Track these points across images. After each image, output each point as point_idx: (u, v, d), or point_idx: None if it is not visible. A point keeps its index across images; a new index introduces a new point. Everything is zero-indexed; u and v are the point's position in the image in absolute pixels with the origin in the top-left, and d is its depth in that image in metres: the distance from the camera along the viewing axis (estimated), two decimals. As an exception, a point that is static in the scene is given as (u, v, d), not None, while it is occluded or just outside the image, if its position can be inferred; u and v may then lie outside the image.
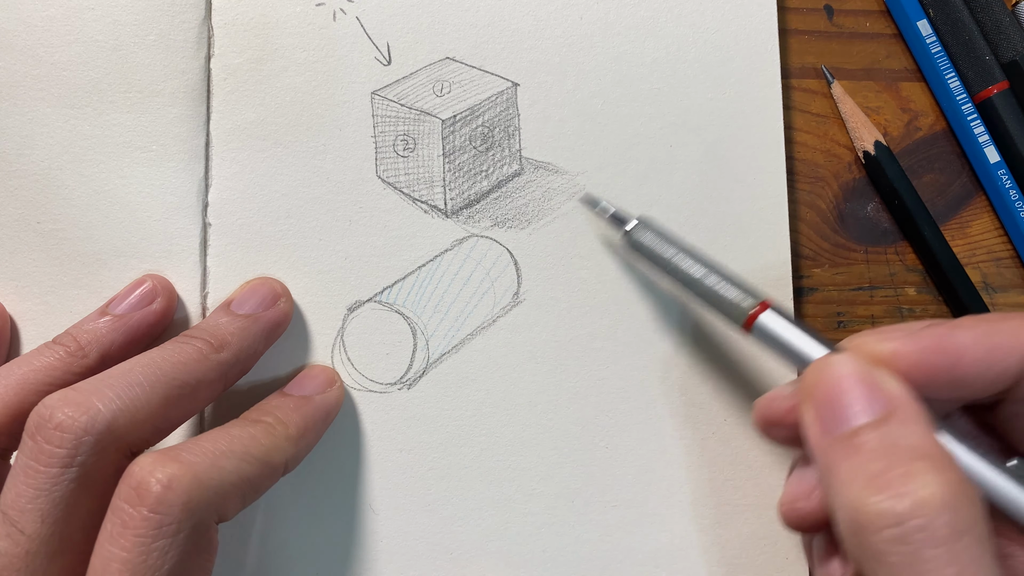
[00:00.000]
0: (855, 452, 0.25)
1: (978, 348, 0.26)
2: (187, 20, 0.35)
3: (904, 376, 0.26)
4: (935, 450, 0.24)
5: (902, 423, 0.25)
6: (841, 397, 0.26)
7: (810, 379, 0.27)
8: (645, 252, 0.33)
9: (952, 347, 0.26)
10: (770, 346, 0.30)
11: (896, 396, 0.26)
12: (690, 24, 0.38)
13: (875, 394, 0.26)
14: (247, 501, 0.29)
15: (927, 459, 0.24)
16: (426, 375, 0.36)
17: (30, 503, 0.27)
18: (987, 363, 0.26)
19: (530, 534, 0.36)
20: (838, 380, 0.26)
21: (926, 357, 0.26)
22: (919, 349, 0.26)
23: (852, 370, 0.26)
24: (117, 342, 0.32)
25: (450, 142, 0.37)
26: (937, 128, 0.40)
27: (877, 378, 0.26)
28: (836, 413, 0.26)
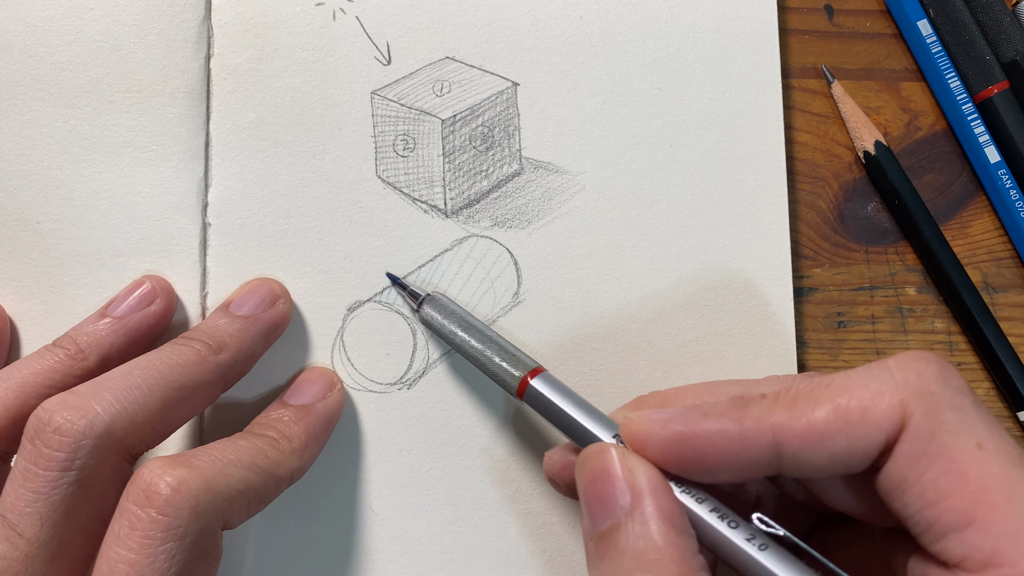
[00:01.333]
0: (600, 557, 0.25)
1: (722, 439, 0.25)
2: (187, 20, 0.35)
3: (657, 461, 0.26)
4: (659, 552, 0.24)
5: (638, 523, 0.25)
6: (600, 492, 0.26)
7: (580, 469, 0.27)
8: (433, 328, 0.34)
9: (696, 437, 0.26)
10: (542, 414, 0.30)
11: (638, 489, 0.26)
12: (690, 24, 0.38)
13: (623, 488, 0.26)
14: (252, 511, 0.29)
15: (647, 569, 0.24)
16: (426, 375, 0.36)
17: (29, 506, 0.27)
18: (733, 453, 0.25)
19: (530, 534, 0.36)
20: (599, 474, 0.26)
21: (672, 447, 0.26)
22: (666, 435, 0.26)
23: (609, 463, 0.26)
24: (117, 344, 0.32)
25: (450, 142, 0.37)
26: (937, 128, 0.40)
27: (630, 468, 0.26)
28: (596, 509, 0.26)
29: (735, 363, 0.37)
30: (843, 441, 0.24)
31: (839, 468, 0.25)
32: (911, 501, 0.24)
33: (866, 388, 0.25)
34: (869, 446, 0.24)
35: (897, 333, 0.39)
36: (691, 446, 0.26)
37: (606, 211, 0.37)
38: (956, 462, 0.24)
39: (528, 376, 0.31)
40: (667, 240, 0.37)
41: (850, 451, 0.24)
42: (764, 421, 0.25)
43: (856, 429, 0.24)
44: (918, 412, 0.24)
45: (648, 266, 0.37)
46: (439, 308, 0.34)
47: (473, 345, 0.32)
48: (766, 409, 0.25)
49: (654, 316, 0.37)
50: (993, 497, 0.23)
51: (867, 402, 0.24)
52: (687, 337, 0.37)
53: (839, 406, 0.25)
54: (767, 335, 0.37)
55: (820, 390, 0.25)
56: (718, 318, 0.37)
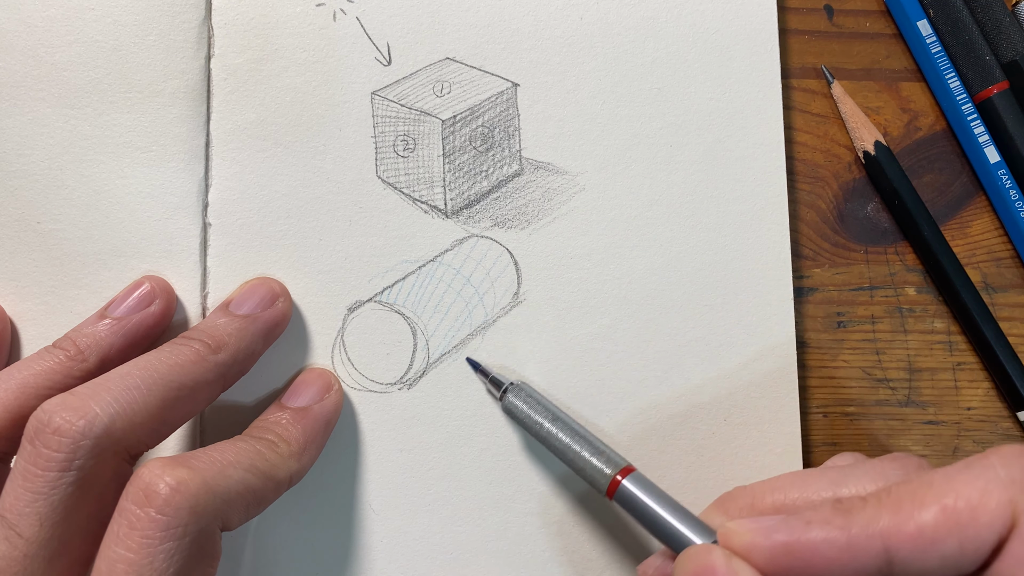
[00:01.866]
0: None
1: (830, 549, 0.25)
2: (187, 20, 0.35)
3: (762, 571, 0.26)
4: None
5: None
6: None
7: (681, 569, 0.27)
8: (516, 417, 0.34)
9: (801, 548, 0.25)
10: (633, 515, 0.30)
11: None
12: (690, 24, 0.38)
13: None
14: (251, 513, 0.29)
15: None
16: (426, 375, 0.36)
17: (28, 507, 0.27)
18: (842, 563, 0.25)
19: (530, 534, 0.36)
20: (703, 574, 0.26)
21: (778, 557, 0.25)
22: (771, 546, 0.25)
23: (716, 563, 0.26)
24: (116, 345, 0.32)
25: (450, 142, 0.37)
26: (937, 128, 0.40)
27: (734, 569, 0.26)
28: None
29: (735, 363, 0.37)
30: (955, 543, 0.24)
31: (950, 571, 0.24)
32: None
33: (972, 487, 0.24)
34: (981, 546, 0.24)
35: (897, 333, 0.39)
36: (798, 557, 0.25)
37: (606, 211, 0.37)
38: None
39: (619, 475, 0.30)
40: (667, 240, 0.37)
41: (963, 553, 0.24)
42: (872, 528, 0.24)
43: (967, 530, 0.24)
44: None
45: (648, 266, 0.37)
46: (524, 398, 0.34)
47: (560, 439, 0.32)
48: (871, 515, 0.25)
49: (654, 316, 0.37)
50: None
51: (975, 501, 0.24)
52: (687, 337, 0.37)
53: (947, 507, 0.24)
54: (767, 335, 0.37)
55: (924, 490, 0.25)
56: (718, 318, 0.37)
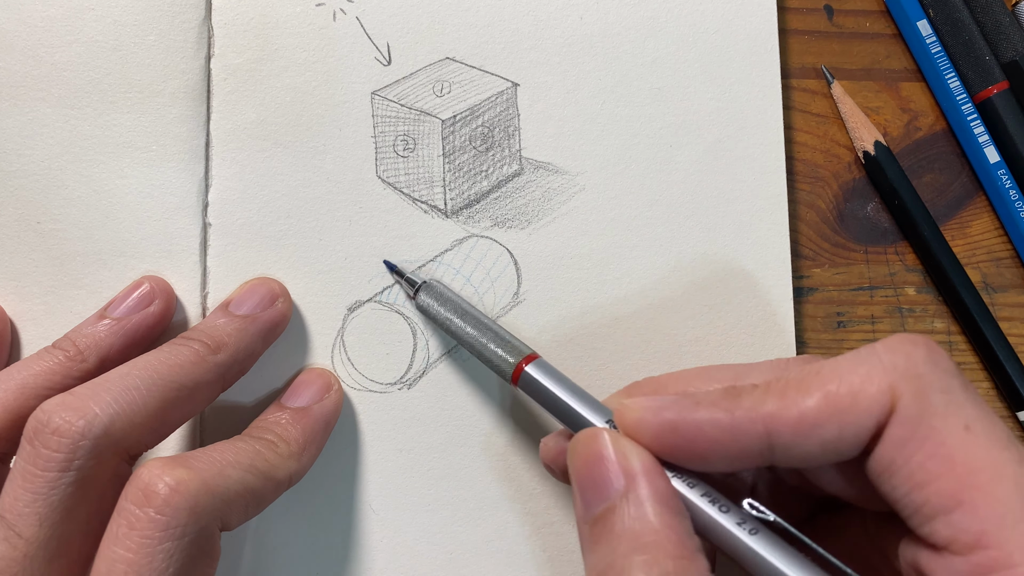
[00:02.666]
0: (595, 541, 0.25)
1: (713, 429, 0.25)
2: (187, 20, 0.35)
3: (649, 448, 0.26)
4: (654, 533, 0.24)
5: (633, 505, 0.25)
6: (594, 476, 0.26)
7: (572, 453, 0.27)
8: (429, 314, 0.34)
9: (687, 426, 0.26)
10: (537, 400, 0.30)
11: (632, 472, 0.25)
12: (690, 24, 0.38)
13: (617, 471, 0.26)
14: (250, 513, 0.29)
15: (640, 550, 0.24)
16: (426, 375, 0.36)
17: (28, 507, 0.27)
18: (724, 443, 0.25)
19: (530, 534, 0.36)
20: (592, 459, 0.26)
21: (664, 434, 0.26)
22: (659, 423, 0.26)
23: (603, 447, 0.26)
24: (116, 346, 0.32)
25: (450, 142, 0.37)
26: (937, 128, 0.40)
27: (623, 452, 0.26)
28: (589, 493, 0.26)
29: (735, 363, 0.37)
30: (834, 429, 0.24)
31: (831, 456, 0.25)
32: (899, 484, 0.24)
33: (855, 373, 0.25)
34: (860, 432, 0.24)
35: (897, 333, 0.39)
36: (682, 435, 0.26)
37: (606, 211, 0.37)
38: (944, 445, 0.24)
39: (523, 363, 0.31)
40: (667, 240, 0.37)
41: (841, 438, 0.24)
42: (755, 411, 0.25)
43: (846, 416, 0.24)
44: (907, 395, 0.24)
45: (648, 266, 0.37)
46: (436, 295, 0.34)
47: (468, 332, 0.33)
48: (757, 399, 0.25)
49: (654, 316, 0.37)
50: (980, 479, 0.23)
51: (856, 387, 0.24)
52: (687, 337, 0.37)
53: (829, 393, 0.24)
54: (767, 335, 0.37)
55: (810, 378, 0.25)
56: (718, 318, 0.37)
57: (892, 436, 0.24)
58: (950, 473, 0.23)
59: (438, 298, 0.34)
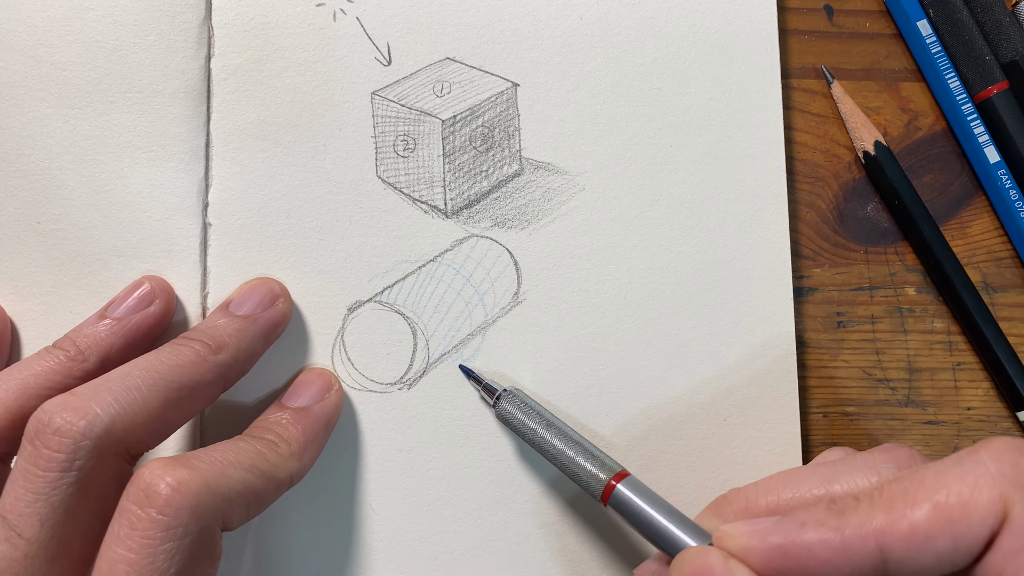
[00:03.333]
0: None
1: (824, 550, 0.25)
2: (187, 20, 0.35)
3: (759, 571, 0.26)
4: None
5: None
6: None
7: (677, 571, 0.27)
8: (511, 424, 0.34)
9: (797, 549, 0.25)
10: (628, 520, 0.30)
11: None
12: (690, 24, 0.38)
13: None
14: (251, 513, 0.29)
15: None
16: (426, 375, 0.36)
17: (29, 507, 0.27)
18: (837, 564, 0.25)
19: (530, 534, 0.36)
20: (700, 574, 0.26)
21: (773, 560, 0.25)
22: (766, 548, 0.25)
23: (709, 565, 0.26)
24: (116, 346, 0.32)
25: (450, 142, 0.37)
26: (937, 128, 0.40)
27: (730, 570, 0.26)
28: None
29: (735, 363, 0.37)
30: (948, 540, 0.24)
31: (945, 567, 0.25)
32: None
33: (962, 482, 0.24)
34: (974, 542, 0.24)
35: (897, 333, 0.39)
36: (793, 558, 0.25)
37: (606, 211, 0.37)
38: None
39: (614, 479, 0.30)
40: (667, 240, 0.37)
41: (956, 549, 0.24)
42: (865, 528, 0.25)
43: (959, 527, 0.24)
44: (1019, 504, 0.24)
45: (648, 266, 0.37)
46: (517, 404, 0.34)
47: (554, 445, 0.32)
48: (864, 515, 0.25)
49: (654, 316, 0.37)
50: None
51: (967, 497, 0.24)
52: (687, 337, 0.37)
53: (939, 504, 0.24)
54: (767, 335, 0.37)
55: (915, 488, 0.25)
56: (718, 318, 0.37)
57: (1004, 546, 0.24)
58: None
59: (520, 407, 0.33)
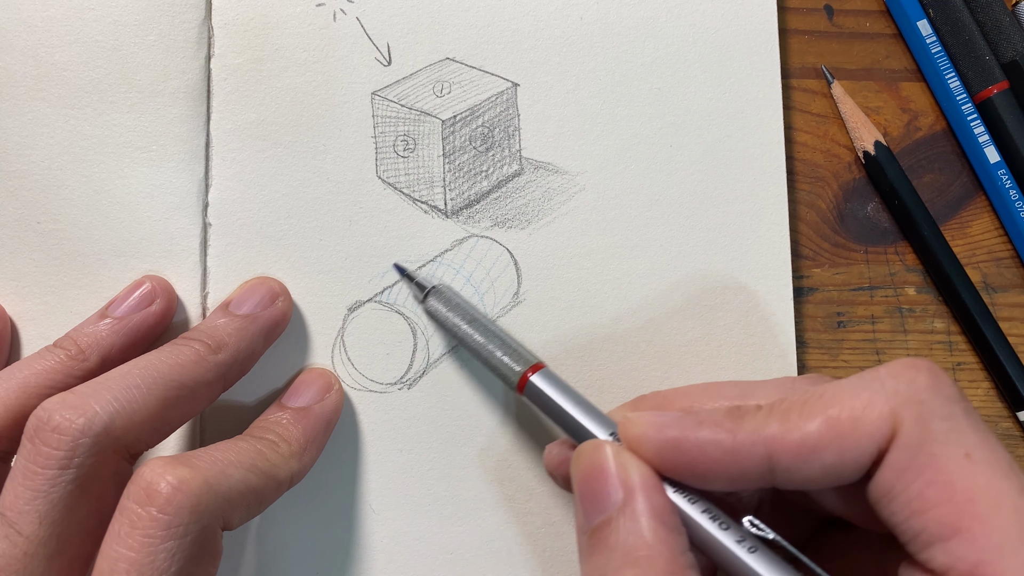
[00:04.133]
0: (591, 552, 0.26)
1: (715, 450, 0.25)
2: (187, 20, 0.35)
3: (651, 464, 0.26)
4: (648, 548, 0.24)
5: (629, 520, 0.25)
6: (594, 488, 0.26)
7: (575, 464, 0.28)
8: (437, 319, 0.34)
9: (689, 445, 0.26)
10: (541, 410, 0.31)
11: (631, 486, 0.26)
12: (690, 24, 0.38)
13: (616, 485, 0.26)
14: (252, 512, 0.29)
15: (635, 564, 0.24)
16: (426, 375, 0.36)
17: (28, 504, 0.27)
18: (725, 464, 0.25)
19: (530, 534, 0.36)
20: (594, 471, 0.27)
21: (666, 452, 0.26)
22: (661, 440, 0.26)
23: (604, 460, 0.27)
24: (117, 345, 0.32)
25: (450, 142, 0.37)
26: (937, 128, 0.40)
27: (624, 465, 0.26)
28: (589, 504, 0.26)
29: (735, 363, 0.37)
30: (835, 454, 0.24)
31: (832, 480, 0.25)
32: (898, 510, 0.24)
33: (857, 398, 0.25)
34: (861, 457, 0.24)
35: (897, 333, 0.39)
36: (684, 453, 0.26)
37: (606, 211, 0.37)
38: (943, 472, 0.23)
39: (528, 372, 0.31)
40: (667, 240, 0.37)
41: (842, 463, 0.24)
42: (757, 434, 0.25)
43: (847, 441, 0.24)
44: (908, 421, 0.24)
45: (648, 266, 0.37)
46: (444, 301, 0.34)
47: (476, 339, 0.33)
48: (760, 421, 0.25)
49: (654, 316, 0.37)
50: (979, 508, 0.23)
51: (858, 413, 0.24)
52: (687, 337, 0.37)
53: (830, 417, 0.24)
54: (767, 335, 0.37)
55: (813, 401, 0.25)
56: (718, 318, 0.37)
57: (892, 462, 0.24)
58: (949, 501, 0.23)
59: (447, 303, 0.34)
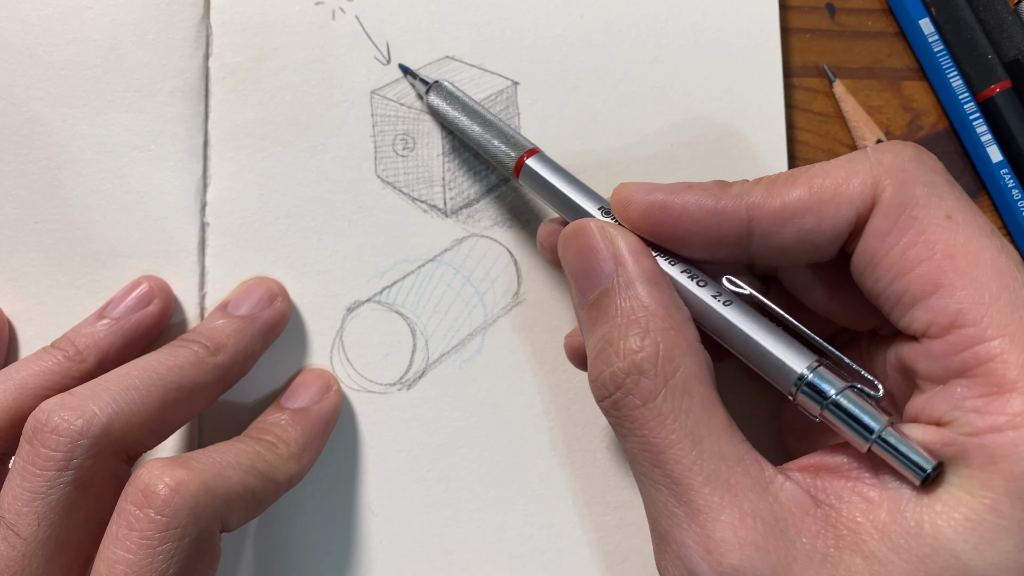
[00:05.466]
0: (593, 323, 0.27)
1: (698, 211, 0.26)
2: (185, 19, 0.35)
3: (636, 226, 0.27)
4: (643, 308, 0.26)
5: (623, 286, 0.26)
6: (585, 264, 0.27)
7: (563, 245, 0.28)
8: (439, 114, 0.35)
9: (673, 206, 0.27)
10: (536, 192, 0.32)
11: (621, 255, 0.27)
12: (691, 23, 0.38)
13: (607, 257, 0.27)
14: (250, 514, 0.29)
15: (632, 323, 0.25)
16: (426, 375, 0.36)
17: (26, 506, 0.27)
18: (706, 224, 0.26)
19: (530, 535, 0.35)
20: (583, 248, 0.27)
21: (651, 212, 0.27)
22: (648, 202, 0.27)
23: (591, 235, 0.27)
24: (115, 345, 0.32)
25: (450, 141, 0.36)
26: (939, 127, 0.40)
27: (610, 238, 0.27)
28: (582, 281, 0.27)
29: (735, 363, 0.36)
30: (813, 218, 0.25)
31: (808, 249, 0.26)
32: (881, 276, 0.25)
33: (841, 169, 0.25)
34: (839, 223, 0.25)
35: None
36: (668, 213, 0.27)
37: (606, 211, 0.37)
38: (925, 233, 0.24)
39: (524, 156, 0.32)
40: (668, 240, 0.37)
41: (819, 229, 0.25)
42: (740, 199, 0.26)
43: (827, 206, 0.25)
44: (890, 187, 0.25)
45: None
46: (445, 95, 0.35)
47: (474, 129, 0.33)
48: (745, 189, 0.26)
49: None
50: (959, 263, 0.24)
51: (840, 180, 0.25)
52: (688, 337, 0.36)
53: (813, 185, 0.25)
54: (768, 335, 0.37)
55: (799, 174, 0.26)
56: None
57: (874, 228, 0.25)
58: (930, 259, 0.24)
59: (447, 97, 0.35)
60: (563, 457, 0.36)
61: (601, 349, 0.26)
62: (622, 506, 0.36)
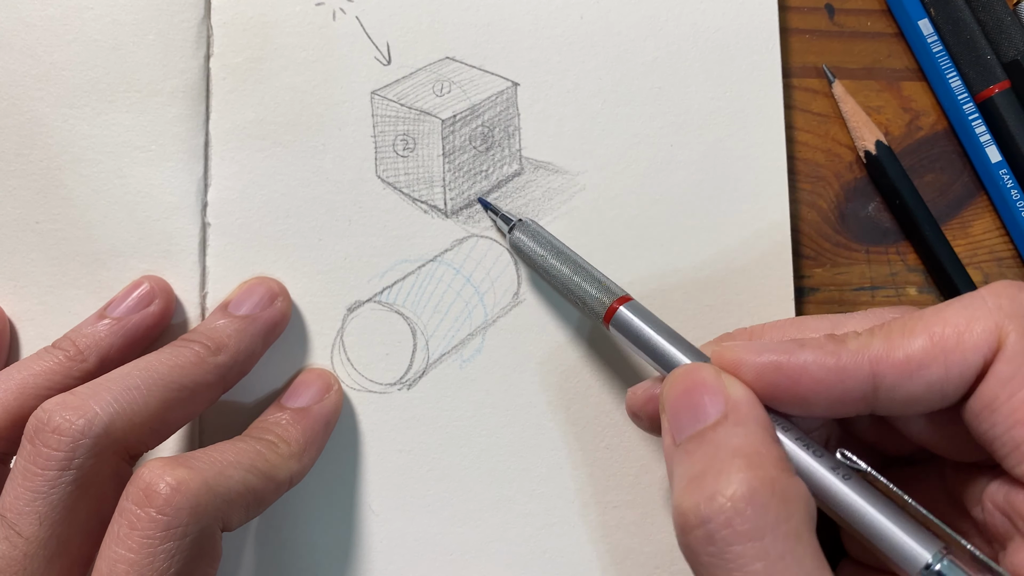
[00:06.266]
0: (687, 456, 0.25)
1: (819, 370, 0.26)
2: (186, 19, 0.35)
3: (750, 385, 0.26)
4: (756, 449, 0.24)
5: (733, 425, 0.25)
6: (687, 405, 0.26)
7: (669, 384, 0.27)
8: (522, 253, 0.34)
9: (791, 367, 0.26)
10: (631, 340, 0.31)
11: (735, 399, 0.26)
12: (691, 23, 0.38)
13: (716, 398, 0.26)
14: (251, 513, 0.29)
15: (743, 458, 0.24)
16: (426, 375, 0.36)
17: (28, 506, 0.27)
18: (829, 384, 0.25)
19: (530, 535, 0.35)
20: (692, 385, 0.26)
21: (766, 374, 0.26)
22: (761, 363, 0.26)
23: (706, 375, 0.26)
24: (116, 345, 0.32)
25: (450, 142, 0.37)
26: (938, 127, 0.40)
27: (723, 382, 0.26)
28: (685, 416, 0.26)
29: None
30: (940, 368, 0.25)
31: (935, 398, 0.25)
32: (1000, 421, 0.24)
33: (960, 315, 0.25)
34: (966, 371, 0.24)
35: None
36: (786, 374, 0.26)
37: (606, 211, 0.37)
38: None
39: (616, 303, 0.31)
40: (667, 240, 0.37)
41: (947, 378, 0.25)
42: (862, 354, 0.25)
43: (953, 355, 0.24)
44: (1014, 333, 0.24)
45: (648, 266, 0.37)
46: (530, 234, 0.34)
47: (562, 271, 0.33)
48: (863, 343, 0.25)
49: (654, 316, 0.36)
50: None
51: (962, 328, 0.25)
52: (688, 337, 0.36)
53: (935, 334, 0.25)
54: (768, 335, 0.37)
55: (914, 322, 0.25)
56: (719, 318, 0.37)
57: (997, 373, 0.24)
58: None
59: (533, 236, 0.34)
60: (563, 457, 0.36)
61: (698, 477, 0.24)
62: (622, 506, 0.36)
